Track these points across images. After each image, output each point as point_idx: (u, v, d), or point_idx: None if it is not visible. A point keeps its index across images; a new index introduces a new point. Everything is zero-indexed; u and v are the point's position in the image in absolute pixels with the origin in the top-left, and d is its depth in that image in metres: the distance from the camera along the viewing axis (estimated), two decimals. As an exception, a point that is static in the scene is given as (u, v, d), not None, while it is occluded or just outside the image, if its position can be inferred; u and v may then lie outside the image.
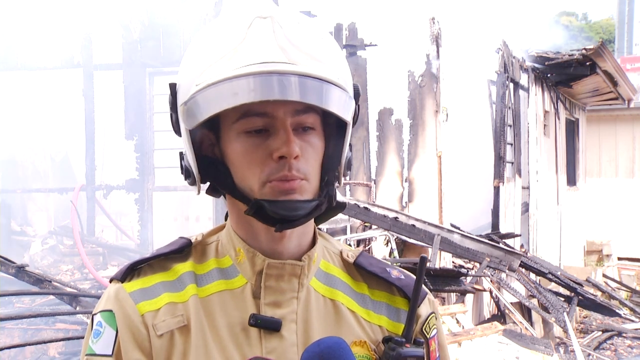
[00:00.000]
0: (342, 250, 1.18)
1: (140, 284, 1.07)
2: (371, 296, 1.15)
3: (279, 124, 1.01)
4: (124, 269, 1.09)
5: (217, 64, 0.99)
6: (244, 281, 1.08)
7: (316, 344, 1.01)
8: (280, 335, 1.05)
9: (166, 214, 10.48)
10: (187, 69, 1.04)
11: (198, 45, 1.05)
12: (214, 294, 1.07)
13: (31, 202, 11.81)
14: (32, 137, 11.58)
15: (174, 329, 1.03)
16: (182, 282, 1.07)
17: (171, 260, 1.09)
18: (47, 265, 9.31)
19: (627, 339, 8.31)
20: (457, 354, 5.07)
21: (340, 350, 1.00)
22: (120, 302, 1.05)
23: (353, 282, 1.15)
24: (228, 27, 1.03)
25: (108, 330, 1.04)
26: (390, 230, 7.09)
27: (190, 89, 1.01)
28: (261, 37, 1.00)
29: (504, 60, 9.58)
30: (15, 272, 5.15)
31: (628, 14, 25.67)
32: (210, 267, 1.10)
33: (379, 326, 1.13)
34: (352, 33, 8.48)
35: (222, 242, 1.12)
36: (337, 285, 1.13)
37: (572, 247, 12.78)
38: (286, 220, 1.02)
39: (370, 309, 1.14)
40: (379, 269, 1.16)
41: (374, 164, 8.47)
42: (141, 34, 9.85)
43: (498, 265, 7.06)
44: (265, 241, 1.08)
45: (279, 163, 1.01)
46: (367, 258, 1.17)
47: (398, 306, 1.15)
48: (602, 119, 14.88)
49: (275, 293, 1.07)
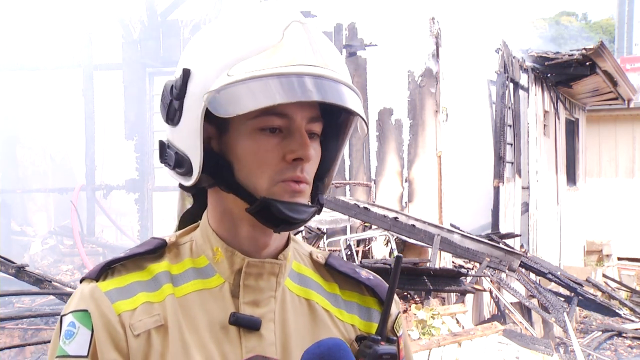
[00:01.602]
0: (312, 251, 1.20)
1: (116, 283, 1.04)
2: (342, 296, 1.17)
3: (296, 127, 1.02)
4: (98, 269, 1.06)
5: (255, 58, 0.99)
6: (221, 280, 1.07)
7: (316, 345, 1.02)
8: (260, 334, 1.05)
9: (166, 214, 10.48)
10: (210, 57, 1.03)
11: (224, 35, 1.04)
12: (191, 293, 1.06)
13: (31, 202, 11.82)
14: (32, 137, 11.58)
15: (151, 328, 1.02)
16: (158, 281, 1.06)
17: (145, 260, 1.08)
18: (47, 265, 9.31)
19: (627, 339, 8.31)
20: (457, 354, 5.07)
21: (341, 352, 1.01)
22: (95, 301, 1.02)
23: (324, 282, 1.17)
24: (262, 23, 1.03)
25: (82, 331, 1.01)
26: (390, 230, 7.09)
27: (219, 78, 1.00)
28: (301, 41, 1.02)
29: (504, 60, 9.58)
30: (15, 272, 5.15)
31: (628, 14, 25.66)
32: (186, 266, 1.09)
33: (352, 325, 1.15)
34: (352, 33, 8.48)
35: (197, 242, 1.11)
36: (310, 285, 1.15)
37: (572, 247, 12.78)
38: (289, 222, 1.03)
39: (343, 309, 1.16)
40: (349, 269, 1.19)
41: (374, 164, 8.47)
42: (141, 34, 9.85)
43: (498, 265, 7.06)
44: (247, 241, 1.08)
45: (292, 164, 1.02)
46: (336, 259, 1.19)
47: (369, 305, 1.18)
48: (602, 119, 14.88)
49: (255, 292, 1.07)
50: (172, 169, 1.08)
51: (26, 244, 10.16)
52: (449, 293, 6.33)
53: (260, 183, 1.02)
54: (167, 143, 1.10)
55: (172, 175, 1.10)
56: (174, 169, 1.08)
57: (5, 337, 6.10)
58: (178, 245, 1.11)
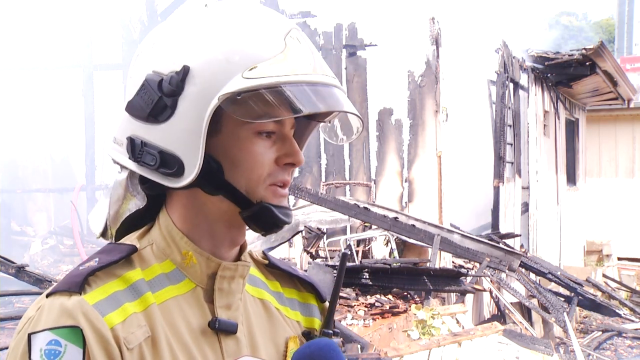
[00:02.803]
0: (250, 251, 1.18)
1: (99, 294, 0.97)
2: (285, 294, 1.19)
3: (287, 132, 1.04)
4: (79, 280, 0.97)
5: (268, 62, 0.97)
6: (191, 285, 1.05)
7: (306, 346, 1.03)
8: (236, 337, 1.06)
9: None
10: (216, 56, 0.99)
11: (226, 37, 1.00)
12: (169, 300, 1.03)
13: (31, 202, 11.81)
14: (32, 137, 11.57)
15: (142, 341, 0.98)
16: (137, 290, 1.00)
17: (118, 268, 1.01)
18: (47, 265, 9.31)
19: (627, 339, 8.31)
20: (457, 354, 5.07)
21: (331, 352, 1.01)
22: (85, 315, 0.94)
23: (268, 281, 1.18)
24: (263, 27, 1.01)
25: (71, 349, 0.92)
26: (390, 230, 7.09)
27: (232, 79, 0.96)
28: (303, 48, 1.02)
29: (504, 60, 9.58)
30: (15, 272, 5.15)
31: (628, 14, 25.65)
32: (156, 272, 1.04)
33: (297, 322, 1.18)
34: (352, 33, 8.48)
35: (158, 245, 1.06)
36: (259, 285, 1.16)
37: (572, 247, 12.78)
38: (279, 225, 1.04)
39: (287, 306, 1.18)
40: (287, 267, 1.21)
41: (374, 164, 8.47)
42: (141, 34, 9.85)
43: (498, 265, 7.06)
44: (219, 244, 1.06)
45: (283, 168, 1.03)
46: (274, 258, 1.21)
47: (307, 301, 1.21)
48: (602, 119, 14.88)
49: (227, 295, 1.06)
50: (154, 170, 1.01)
51: (26, 244, 10.15)
52: (449, 293, 6.33)
53: (254, 185, 1.02)
54: (142, 141, 1.03)
55: (149, 175, 1.02)
56: (157, 170, 1.01)
57: (5, 337, 6.09)
58: (140, 250, 1.05)
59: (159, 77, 1.00)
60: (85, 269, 0.99)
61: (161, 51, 1.02)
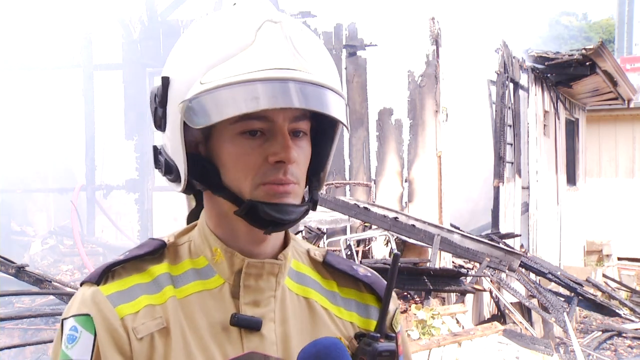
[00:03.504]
0: (309, 249, 1.19)
1: (117, 286, 1.04)
2: (341, 293, 1.17)
3: (278, 129, 1.01)
4: (99, 272, 1.05)
5: (225, 64, 0.98)
6: (221, 281, 1.07)
7: (312, 344, 1.02)
8: (261, 334, 1.05)
9: (166, 214, 10.48)
10: (185, 64, 1.02)
11: (197, 41, 1.03)
12: (192, 295, 1.06)
13: (31, 202, 11.82)
14: (32, 137, 11.57)
15: (154, 331, 1.02)
16: (159, 283, 1.05)
17: (146, 262, 1.07)
18: (47, 265, 9.31)
19: (627, 339, 8.31)
20: (457, 354, 5.07)
21: (337, 351, 1.01)
22: (97, 305, 1.02)
23: (323, 280, 1.17)
24: (233, 26, 1.01)
25: (85, 335, 1.00)
26: (390, 230, 7.09)
27: (192, 86, 0.99)
28: (273, 42, 0.99)
29: (504, 60, 9.58)
30: (15, 272, 5.15)
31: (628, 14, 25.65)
32: (186, 267, 1.08)
33: (350, 322, 1.15)
34: (352, 33, 8.48)
35: (195, 242, 1.10)
36: (309, 284, 1.15)
37: (572, 247, 12.78)
38: (277, 223, 1.03)
39: (341, 306, 1.16)
40: (346, 266, 1.18)
41: (373, 164, 8.46)
42: (141, 34, 9.85)
43: (498, 265, 7.06)
44: (245, 242, 1.07)
45: (275, 167, 1.01)
46: (334, 257, 1.19)
47: (367, 302, 1.18)
48: (602, 119, 14.88)
49: (255, 292, 1.07)
50: (163, 176, 1.08)
51: (26, 244, 10.16)
52: (449, 293, 6.33)
53: (244, 186, 1.02)
54: (160, 149, 1.10)
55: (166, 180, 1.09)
56: (164, 176, 1.08)
57: (5, 337, 6.10)
58: (176, 246, 1.10)
59: (155, 89, 1.07)
60: (109, 262, 1.07)
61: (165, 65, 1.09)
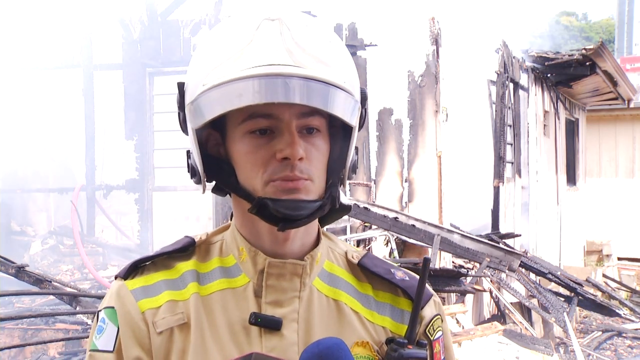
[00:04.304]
0: (347, 251, 1.19)
1: (143, 281, 1.08)
2: (375, 297, 1.15)
3: (284, 126, 1.02)
4: (128, 267, 1.10)
5: (223, 65, 1.00)
6: (246, 280, 1.09)
7: (315, 345, 1.01)
8: (281, 334, 1.06)
9: (166, 214, 10.48)
10: (194, 69, 1.05)
11: (206, 46, 1.06)
12: (215, 293, 1.08)
13: (31, 202, 11.81)
14: (32, 137, 11.57)
15: (174, 326, 1.05)
16: (184, 280, 1.09)
17: (174, 259, 1.11)
18: (47, 265, 9.31)
19: (627, 339, 8.31)
20: (457, 354, 5.07)
21: (339, 351, 1.00)
22: (121, 299, 1.07)
23: (357, 282, 1.16)
24: (236, 28, 1.04)
25: (110, 327, 1.06)
26: (390, 230, 7.09)
27: (196, 89, 1.02)
28: (268, 39, 1.00)
29: (504, 60, 9.58)
30: (15, 272, 5.15)
31: (628, 14, 25.67)
32: (213, 265, 1.11)
33: (383, 327, 1.13)
34: (352, 33, 8.48)
35: (227, 241, 1.13)
36: (340, 286, 1.14)
37: (572, 247, 12.78)
38: (289, 219, 1.03)
39: (374, 310, 1.14)
40: (383, 269, 1.16)
41: (374, 164, 8.46)
42: (141, 34, 9.85)
43: (498, 266, 7.06)
44: (269, 241, 1.09)
45: (282, 163, 1.02)
46: (371, 259, 1.17)
47: (402, 307, 1.16)
48: (602, 119, 14.88)
49: (277, 292, 1.07)
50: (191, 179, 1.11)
51: (26, 244, 10.16)
52: (449, 293, 6.33)
53: (255, 183, 1.04)
54: (188, 154, 1.13)
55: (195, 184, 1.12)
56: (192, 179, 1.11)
57: (5, 337, 6.10)
58: (209, 244, 1.14)
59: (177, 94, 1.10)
60: (138, 258, 1.12)
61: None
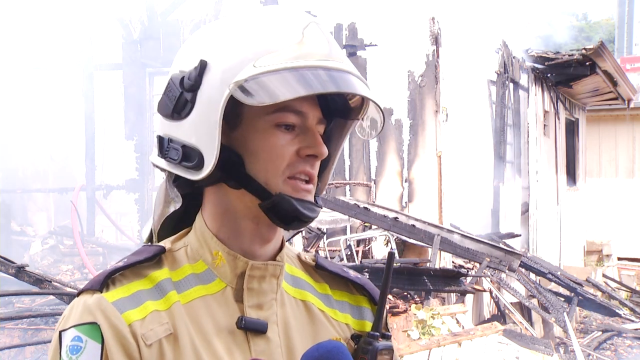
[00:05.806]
0: (299, 253, 1.20)
1: (121, 292, 1.01)
2: (334, 296, 1.18)
3: (310, 124, 1.05)
4: (100, 279, 1.02)
5: (278, 52, 1.01)
6: (222, 285, 1.07)
7: (315, 348, 1.01)
8: (267, 337, 1.06)
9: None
10: (231, 50, 1.03)
11: (244, 30, 1.05)
12: (196, 300, 1.05)
13: (31, 202, 11.82)
14: (32, 137, 11.57)
15: (162, 337, 1.00)
16: (162, 289, 1.04)
17: (146, 268, 1.05)
18: (47, 265, 9.31)
19: (627, 339, 8.31)
20: (457, 354, 5.07)
21: (340, 355, 1.00)
22: (104, 312, 0.98)
23: (315, 283, 1.18)
24: (281, 22, 1.05)
25: (91, 344, 0.97)
26: (390, 230, 7.09)
27: (243, 69, 1.00)
28: (319, 40, 1.04)
29: (504, 60, 9.58)
30: (15, 272, 5.15)
31: (628, 14, 25.68)
32: (186, 272, 1.07)
33: (346, 324, 1.16)
34: (352, 33, 8.48)
35: (192, 247, 1.09)
36: (304, 287, 1.15)
37: (572, 247, 12.78)
38: (300, 219, 1.04)
39: (336, 308, 1.17)
40: (338, 269, 1.19)
41: (374, 164, 8.47)
42: (141, 34, 9.85)
43: (498, 266, 7.06)
44: (249, 242, 1.07)
45: (305, 160, 1.04)
46: (325, 260, 1.20)
47: (360, 304, 1.19)
48: (602, 119, 14.88)
49: (258, 295, 1.07)
50: (178, 164, 1.06)
51: (26, 244, 10.16)
52: (449, 293, 6.33)
53: (273, 178, 1.03)
54: (169, 138, 1.08)
55: (174, 170, 1.07)
56: (179, 163, 1.06)
57: (5, 337, 6.10)
58: (172, 252, 1.09)
59: (181, 74, 1.06)
60: (109, 269, 1.04)
61: (185, 51, 1.09)
